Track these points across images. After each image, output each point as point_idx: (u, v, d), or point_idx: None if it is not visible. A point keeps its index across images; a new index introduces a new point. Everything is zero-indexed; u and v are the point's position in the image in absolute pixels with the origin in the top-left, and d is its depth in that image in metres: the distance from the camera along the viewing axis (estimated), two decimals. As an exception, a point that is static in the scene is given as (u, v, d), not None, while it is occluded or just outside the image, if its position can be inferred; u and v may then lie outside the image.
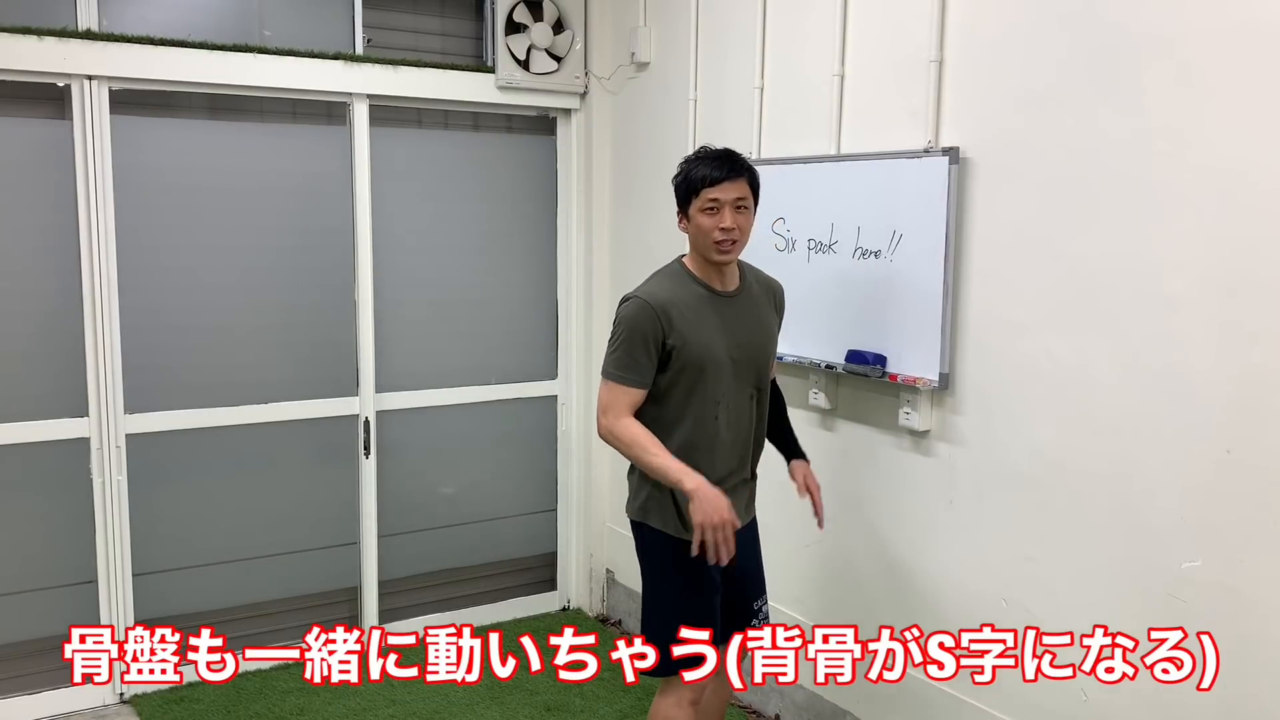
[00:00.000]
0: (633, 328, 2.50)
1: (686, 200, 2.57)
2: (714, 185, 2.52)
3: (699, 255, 2.62)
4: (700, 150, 2.64)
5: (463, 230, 4.10)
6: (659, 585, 2.66)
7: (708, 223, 2.54)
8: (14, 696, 3.46)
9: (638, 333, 2.50)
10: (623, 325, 2.52)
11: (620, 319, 2.54)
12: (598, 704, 3.61)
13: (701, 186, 2.54)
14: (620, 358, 2.51)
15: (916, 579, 3.02)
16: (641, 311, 2.51)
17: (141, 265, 3.51)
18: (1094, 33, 2.47)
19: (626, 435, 2.50)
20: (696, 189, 2.54)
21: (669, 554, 2.61)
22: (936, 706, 2.96)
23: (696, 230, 2.57)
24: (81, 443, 3.48)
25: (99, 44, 3.33)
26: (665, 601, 2.64)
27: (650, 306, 2.51)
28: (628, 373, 2.51)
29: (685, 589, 2.62)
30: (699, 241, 2.58)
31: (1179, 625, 2.36)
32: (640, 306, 2.52)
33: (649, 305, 2.52)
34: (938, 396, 2.91)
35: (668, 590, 2.64)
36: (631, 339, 2.50)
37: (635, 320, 2.51)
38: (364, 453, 3.94)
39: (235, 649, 3.74)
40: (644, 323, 2.50)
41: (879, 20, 3.03)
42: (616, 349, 2.52)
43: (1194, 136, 2.29)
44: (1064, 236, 2.56)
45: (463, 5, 4.07)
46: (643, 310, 2.51)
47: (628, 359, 2.51)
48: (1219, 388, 2.27)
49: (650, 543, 2.66)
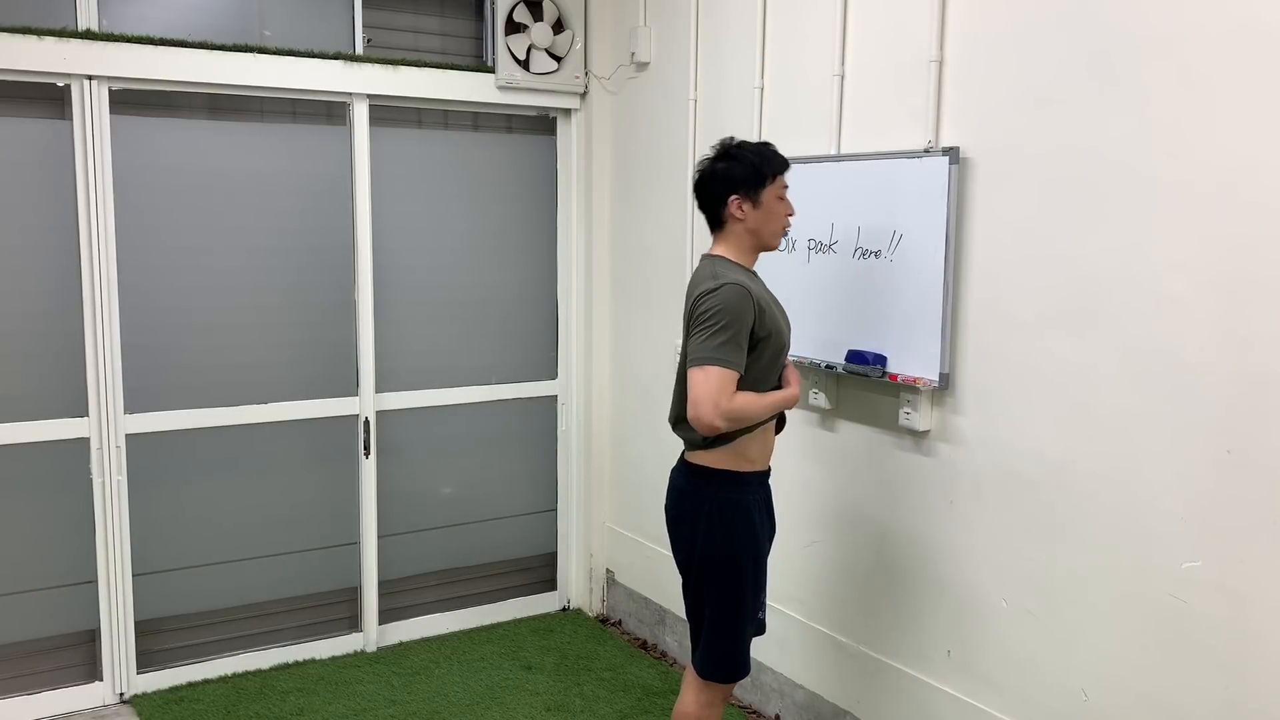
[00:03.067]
0: (737, 314, 2.47)
1: (760, 184, 2.57)
2: (785, 171, 2.60)
3: (749, 242, 2.62)
4: (737, 140, 2.65)
5: (463, 230, 4.10)
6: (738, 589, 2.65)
7: (782, 207, 2.61)
8: (14, 696, 3.46)
9: (740, 318, 2.47)
10: (725, 312, 2.46)
11: (720, 307, 2.47)
12: (598, 704, 3.61)
13: (781, 171, 2.59)
14: (725, 343, 2.46)
15: (916, 579, 3.02)
16: (744, 299, 2.48)
17: (141, 265, 3.51)
18: (1094, 33, 2.47)
19: (744, 407, 2.48)
20: (776, 172, 2.59)
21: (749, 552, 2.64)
22: (936, 706, 2.96)
23: (768, 214, 2.60)
24: (81, 443, 3.48)
25: (99, 44, 3.33)
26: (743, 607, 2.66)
27: (749, 293, 2.50)
28: (733, 356, 2.46)
29: (757, 592, 2.68)
30: (767, 225, 2.61)
31: (1179, 625, 2.36)
32: (741, 294, 2.48)
33: (748, 292, 2.50)
34: (938, 396, 2.91)
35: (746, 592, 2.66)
36: (737, 324, 2.47)
37: (739, 307, 2.47)
38: (364, 453, 3.94)
39: (234, 649, 3.80)
40: (745, 309, 2.48)
41: (879, 20, 3.03)
42: (720, 335, 2.45)
43: (1194, 136, 2.29)
44: (1064, 236, 2.56)
45: (463, 5, 4.07)
46: (744, 297, 2.48)
47: (733, 344, 2.46)
48: (1219, 388, 2.27)
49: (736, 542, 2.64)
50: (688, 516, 2.66)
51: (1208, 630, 2.31)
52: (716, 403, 2.42)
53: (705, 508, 2.61)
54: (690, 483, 2.65)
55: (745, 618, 2.66)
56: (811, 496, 3.36)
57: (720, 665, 2.67)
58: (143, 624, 3.64)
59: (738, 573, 2.62)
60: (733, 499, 2.61)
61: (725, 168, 2.59)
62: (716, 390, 2.43)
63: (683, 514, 2.68)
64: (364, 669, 3.86)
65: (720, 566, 2.61)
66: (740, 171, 2.57)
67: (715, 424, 2.43)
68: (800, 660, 3.43)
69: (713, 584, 2.64)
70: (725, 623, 2.65)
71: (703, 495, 2.62)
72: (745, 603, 2.65)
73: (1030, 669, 2.71)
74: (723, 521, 2.60)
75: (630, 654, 4.03)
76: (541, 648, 4.07)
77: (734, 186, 2.58)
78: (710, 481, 2.62)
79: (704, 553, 2.62)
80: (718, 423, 2.43)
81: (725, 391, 2.44)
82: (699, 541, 2.63)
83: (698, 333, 2.48)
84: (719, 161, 2.62)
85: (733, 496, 2.61)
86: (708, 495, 2.61)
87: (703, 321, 2.48)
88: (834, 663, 3.31)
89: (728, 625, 2.65)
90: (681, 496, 2.68)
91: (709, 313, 2.47)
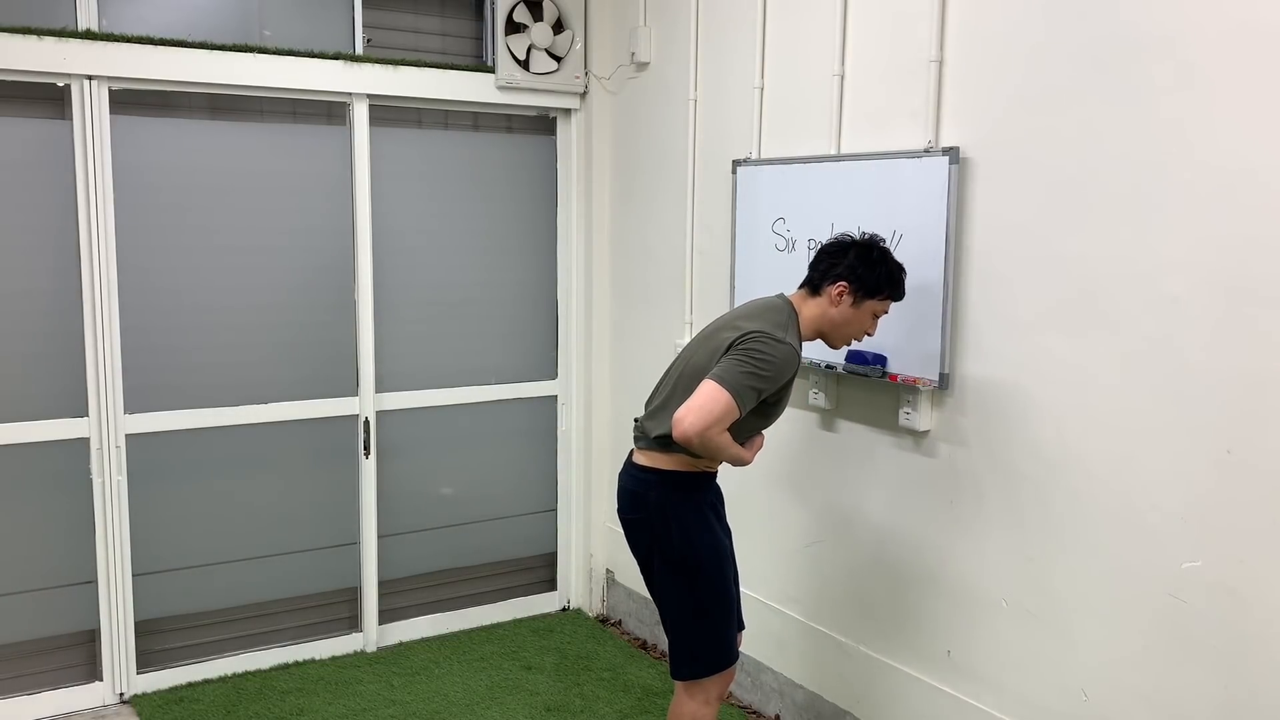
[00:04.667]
0: (778, 373, 2.53)
1: (874, 291, 2.63)
2: (895, 299, 2.68)
3: (818, 326, 2.68)
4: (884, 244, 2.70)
5: (463, 230, 4.10)
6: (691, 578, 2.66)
7: (868, 324, 2.69)
8: (14, 696, 3.46)
9: (777, 379, 2.54)
10: (772, 365, 2.51)
11: (772, 358, 2.51)
12: (598, 704, 3.61)
13: (893, 296, 2.67)
14: (751, 387, 2.50)
15: (916, 579, 3.02)
16: (791, 366, 2.56)
17: (141, 265, 3.51)
18: (1094, 32, 2.47)
19: (717, 444, 2.51)
20: (889, 295, 2.66)
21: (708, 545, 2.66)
22: (936, 706, 2.96)
23: (853, 319, 2.66)
24: (81, 443, 3.48)
25: (99, 44, 3.33)
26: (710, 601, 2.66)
27: (797, 358, 2.57)
28: (748, 400, 2.51)
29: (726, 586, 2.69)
30: (844, 327, 2.67)
31: (1179, 625, 2.36)
32: (793, 361, 2.56)
33: (797, 355, 2.58)
34: (938, 396, 2.91)
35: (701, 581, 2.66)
36: (771, 381, 2.53)
37: (783, 370, 2.54)
38: (364, 453, 3.94)
39: (234, 649, 3.80)
40: (785, 374, 2.55)
41: (879, 20, 3.03)
42: (753, 379, 2.50)
43: (1194, 136, 2.29)
44: (1064, 236, 2.56)
45: (463, 5, 4.07)
46: (791, 359, 2.55)
47: (754, 391, 2.51)
48: (1219, 388, 2.27)
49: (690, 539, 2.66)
50: (640, 519, 2.68)
51: (1208, 630, 2.31)
52: (708, 425, 2.46)
53: (657, 510, 2.64)
54: (639, 485, 2.68)
55: (715, 612, 2.66)
56: (811, 496, 3.36)
57: (694, 661, 2.67)
58: (143, 624, 3.64)
59: (698, 569, 2.63)
60: (683, 498, 2.64)
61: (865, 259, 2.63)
62: (717, 416, 2.47)
63: (635, 516, 2.70)
64: (364, 669, 3.86)
65: (680, 565, 2.64)
66: (867, 272, 2.62)
67: (690, 438, 2.47)
68: (800, 660, 3.43)
69: (675, 583, 2.66)
70: (693, 619, 2.66)
71: (652, 497, 2.65)
72: (713, 597, 2.65)
73: (1030, 669, 2.71)
74: (678, 521, 2.63)
75: (630, 654, 4.03)
76: (541, 648, 4.07)
77: (853, 278, 2.62)
78: (659, 484, 2.64)
79: (663, 554, 2.65)
80: (693, 438, 2.47)
81: (721, 421, 2.48)
82: (657, 544, 2.66)
83: (738, 360, 2.52)
84: (865, 251, 2.65)
85: (682, 496, 2.64)
86: (658, 497, 2.64)
87: (750, 357, 2.51)
88: (834, 663, 3.31)
89: (696, 622, 2.66)
90: (633, 499, 2.70)
91: (759, 356, 2.51)
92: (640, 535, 2.70)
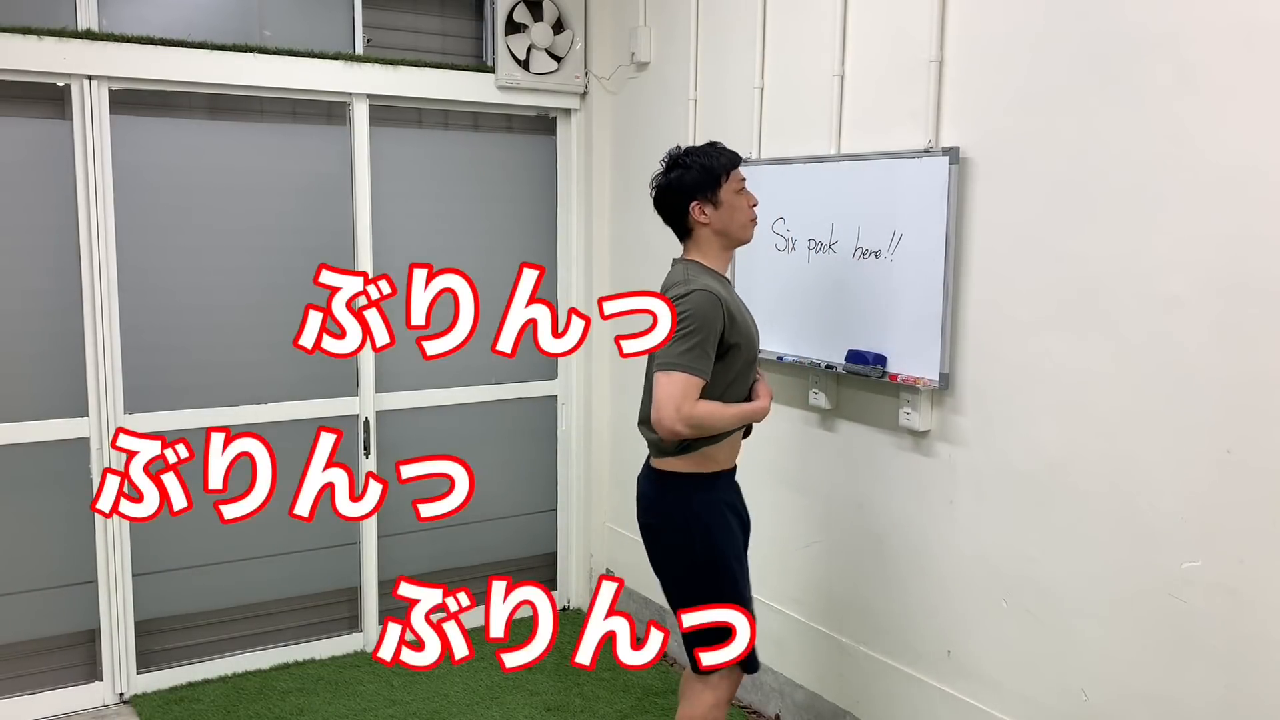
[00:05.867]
0: (705, 320, 2.48)
1: (715, 184, 2.59)
2: (737, 166, 2.62)
3: (719, 243, 2.64)
4: (684, 148, 2.68)
5: (463, 230, 4.10)
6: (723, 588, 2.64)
7: (744, 201, 2.63)
8: (14, 696, 3.46)
9: (709, 325, 2.48)
10: (694, 318, 2.47)
11: (690, 311, 2.47)
12: (598, 704, 3.61)
13: (732, 168, 2.61)
14: (691, 349, 2.46)
15: (916, 579, 3.02)
16: (709, 302, 2.49)
17: (141, 265, 3.51)
18: (1094, 32, 2.47)
19: (707, 416, 2.49)
20: (728, 170, 2.61)
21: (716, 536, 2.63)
22: (936, 706, 2.96)
23: (731, 210, 2.61)
24: (81, 443, 3.48)
25: (99, 44, 3.33)
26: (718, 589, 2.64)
27: (715, 297, 2.51)
28: (699, 363, 2.47)
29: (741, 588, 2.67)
30: (733, 222, 2.62)
31: (1179, 625, 2.36)
32: (711, 300, 2.49)
33: (715, 296, 2.51)
34: (938, 396, 2.91)
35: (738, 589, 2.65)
36: (705, 330, 2.48)
37: (708, 313, 2.48)
38: (364, 453, 3.94)
39: (234, 649, 3.79)
40: (714, 315, 2.49)
41: (879, 20, 3.03)
42: (688, 341, 2.46)
43: (1194, 136, 2.29)
44: (1064, 236, 2.56)
45: (463, 5, 4.07)
46: (710, 301, 2.49)
47: (699, 351, 2.47)
48: (1219, 388, 2.27)
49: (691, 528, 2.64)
50: (656, 524, 2.67)
51: (1208, 630, 2.31)
52: (679, 408, 2.43)
53: (676, 514, 2.62)
54: (656, 489, 2.66)
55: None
56: (811, 496, 3.36)
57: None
58: (143, 624, 3.64)
59: (719, 572, 2.62)
60: (703, 500, 2.62)
61: (678, 177, 2.62)
62: (680, 396, 2.44)
63: (651, 521, 2.68)
64: (364, 669, 3.86)
65: (702, 569, 2.61)
66: (693, 177, 2.60)
67: (677, 429, 2.45)
68: (800, 660, 3.43)
69: (694, 587, 2.63)
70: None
71: (670, 501, 2.63)
72: (724, 598, 2.63)
73: (1030, 669, 2.71)
74: (700, 525, 2.60)
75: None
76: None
77: (691, 193, 2.60)
78: (677, 488, 2.62)
79: (683, 558, 2.63)
80: (679, 428, 2.45)
81: (689, 397, 2.45)
82: (675, 548, 2.63)
83: (671, 338, 2.49)
84: (670, 173, 2.64)
85: (702, 498, 2.62)
86: (676, 501, 2.62)
87: (675, 327, 2.48)
88: (834, 663, 3.31)
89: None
90: (650, 504, 2.69)
91: (680, 318, 2.48)
92: (656, 539, 2.69)
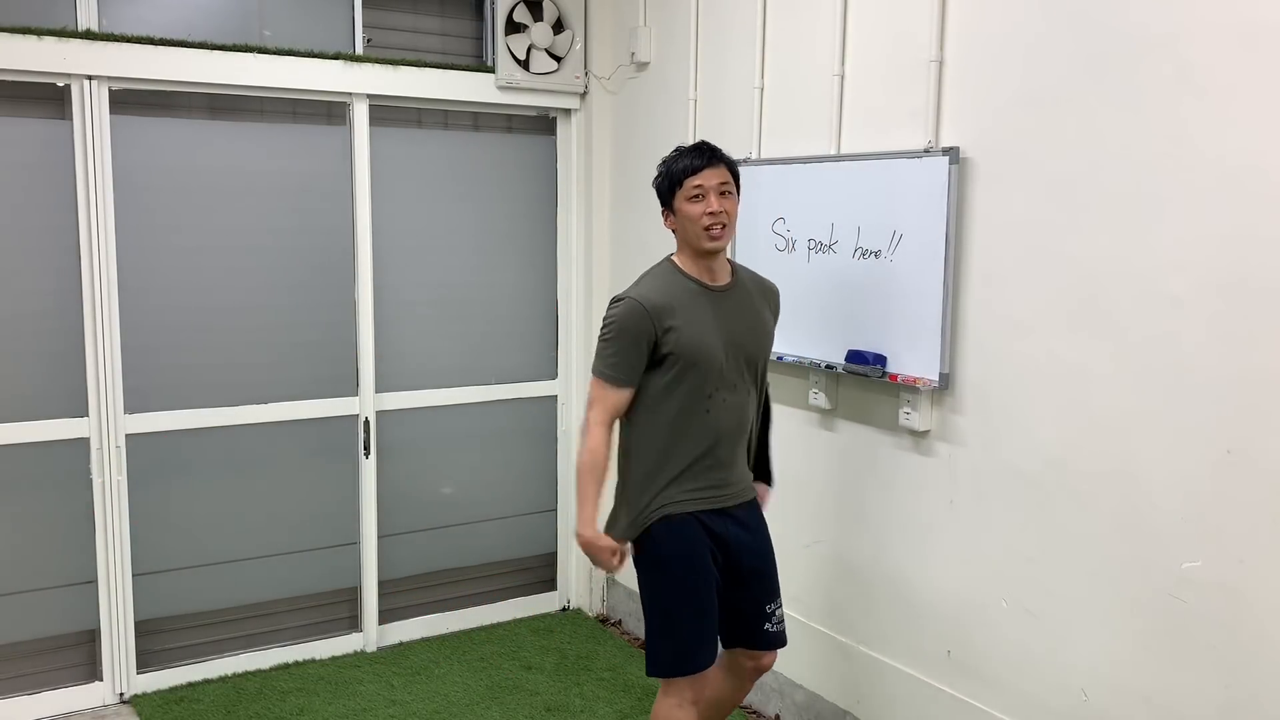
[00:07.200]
0: (623, 328, 2.55)
1: (671, 194, 2.63)
2: (696, 173, 2.60)
3: (689, 249, 2.65)
4: (675, 150, 2.69)
5: (463, 230, 4.10)
6: (655, 582, 2.67)
7: (695, 209, 2.59)
8: (14, 696, 3.46)
9: (628, 333, 2.55)
10: (614, 326, 2.56)
11: (611, 320, 2.57)
12: (598, 704, 3.61)
13: (684, 177, 2.60)
14: (610, 357, 2.57)
15: (917, 579, 3.02)
16: (633, 312, 2.55)
17: (141, 265, 3.51)
18: (1094, 32, 2.47)
19: (592, 443, 2.58)
20: (680, 180, 2.61)
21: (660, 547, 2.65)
22: (937, 706, 2.96)
23: (685, 220, 2.61)
24: (81, 443, 3.48)
25: (99, 44, 3.33)
26: (662, 598, 2.65)
27: (642, 307, 2.55)
28: (617, 372, 2.56)
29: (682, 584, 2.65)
30: (689, 231, 2.62)
31: (1179, 625, 2.36)
32: (631, 307, 2.56)
33: (641, 306, 2.55)
34: (938, 396, 2.91)
35: (664, 586, 2.65)
36: (622, 339, 2.55)
37: (626, 321, 2.55)
38: (364, 453, 3.94)
39: (234, 649, 3.80)
40: (635, 323, 2.54)
41: (879, 20, 3.03)
42: (607, 349, 2.57)
43: (1194, 136, 2.29)
44: (1064, 236, 2.56)
45: (463, 5, 4.07)
46: (634, 311, 2.55)
47: (618, 359, 2.56)
48: (1219, 388, 2.27)
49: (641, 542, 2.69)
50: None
51: (1208, 630, 2.32)
52: (589, 408, 2.55)
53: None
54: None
55: (677, 616, 2.63)
56: (811, 496, 3.36)
57: (657, 661, 2.66)
58: (143, 624, 3.64)
59: (664, 574, 2.64)
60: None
61: (655, 184, 2.68)
62: (591, 399, 2.57)
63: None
64: (364, 669, 3.86)
65: (650, 567, 2.66)
66: (660, 185, 2.66)
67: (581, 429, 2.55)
68: (800, 660, 3.43)
69: (646, 581, 2.68)
70: (659, 619, 2.65)
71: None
72: (679, 601, 2.63)
73: (1030, 669, 2.71)
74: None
75: (630, 654, 4.03)
76: (541, 648, 4.07)
77: (661, 200, 2.67)
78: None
79: (634, 555, 2.69)
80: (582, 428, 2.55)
81: (598, 404, 2.56)
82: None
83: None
84: (654, 180, 2.69)
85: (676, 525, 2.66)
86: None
87: (601, 329, 2.59)
88: (834, 663, 3.31)
89: (659, 622, 2.65)
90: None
91: (604, 325, 2.59)
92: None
